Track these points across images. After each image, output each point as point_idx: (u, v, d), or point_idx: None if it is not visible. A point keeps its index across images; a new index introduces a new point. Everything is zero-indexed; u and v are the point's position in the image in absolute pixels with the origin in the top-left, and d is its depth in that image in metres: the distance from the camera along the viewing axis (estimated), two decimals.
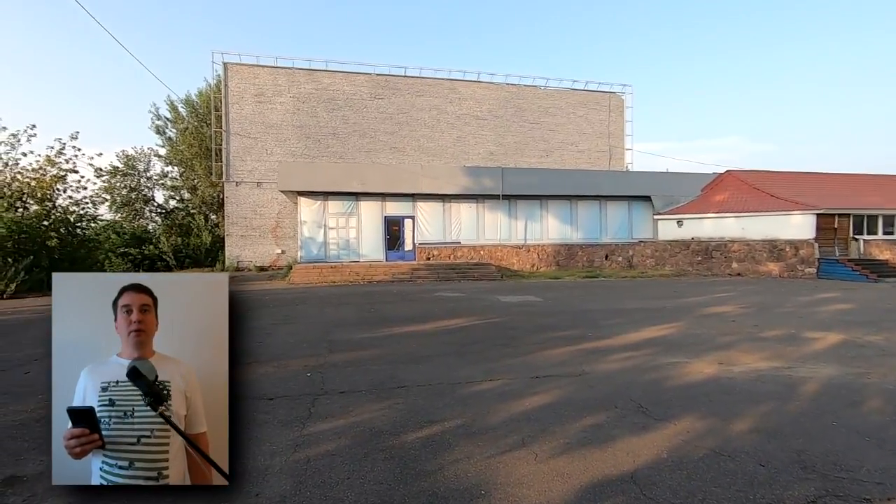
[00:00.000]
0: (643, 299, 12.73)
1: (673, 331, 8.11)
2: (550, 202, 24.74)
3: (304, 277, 18.43)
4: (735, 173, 24.78)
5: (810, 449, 3.47)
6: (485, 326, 8.67)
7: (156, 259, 29.23)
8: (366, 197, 22.45)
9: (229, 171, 26.34)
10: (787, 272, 20.21)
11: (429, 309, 10.99)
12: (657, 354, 6.40)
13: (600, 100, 31.94)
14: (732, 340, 7.32)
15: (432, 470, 3.19)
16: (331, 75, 27.65)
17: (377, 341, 7.41)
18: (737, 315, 9.86)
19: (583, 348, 6.78)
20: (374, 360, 6.19)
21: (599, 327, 8.48)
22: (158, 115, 33.83)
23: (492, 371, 5.62)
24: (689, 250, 22.91)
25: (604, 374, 5.49)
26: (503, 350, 6.71)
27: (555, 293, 14.24)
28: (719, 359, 6.16)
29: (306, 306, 11.54)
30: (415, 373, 5.58)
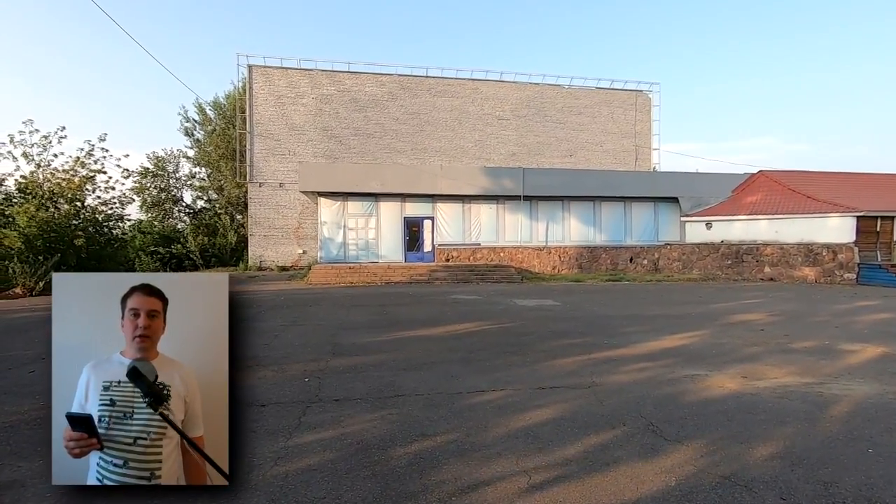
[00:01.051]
0: (666, 305, 12.21)
1: (695, 340, 7.67)
2: (573, 203, 24.19)
3: (322, 278, 18.46)
4: (768, 174, 23.74)
5: (840, 480, 3.10)
6: (496, 332, 8.39)
7: (183, 258, 29.93)
8: (385, 198, 22.39)
9: (253, 172, 26.70)
10: (823, 277, 19.20)
11: (442, 312, 10.77)
12: (675, 366, 6.01)
13: (626, 98, 31.12)
14: (759, 352, 6.85)
15: (415, 491, 2.96)
16: (353, 76, 27.75)
17: (383, 346, 7.22)
18: (766, 324, 9.31)
19: (596, 357, 6.44)
20: (376, 366, 6.00)
21: (616, 335, 8.09)
22: (187, 117, 34.71)
23: (496, 381, 5.36)
24: (718, 253, 22.03)
25: (615, 386, 5.16)
26: (511, 358, 6.43)
27: (574, 297, 13.83)
28: (743, 372, 5.73)
29: (319, 308, 11.48)
30: (415, 380, 5.36)
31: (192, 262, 29.62)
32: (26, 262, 14.69)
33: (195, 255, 29.39)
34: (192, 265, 29.59)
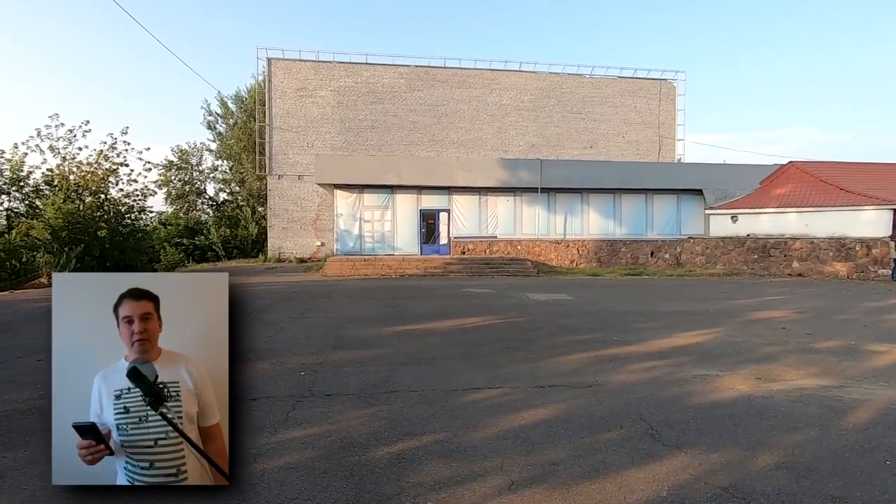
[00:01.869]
0: (685, 301, 11.81)
1: (710, 337, 7.36)
2: (592, 196, 23.71)
3: (338, 270, 18.55)
4: (798, 164, 22.73)
5: (850, 495, 2.85)
6: (503, 326, 8.22)
7: (206, 249, 30.57)
8: (401, 190, 22.35)
9: (272, 164, 26.98)
10: (856, 273, 18.32)
11: (451, 305, 10.65)
12: (685, 365, 5.75)
13: (650, 87, 30.24)
14: (778, 351, 6.51)
15: (390, 494, 2.85)
16: (370, 68, 27.68)
17: (385, 339, 7.14)
18: (789, 321, 8.89)
19: (602, 355, 6.22)
20: (374, 361, 5.91)
21: (627, 331, 7.83)
22: (210, 111, 35.29)
23: (495, 378, 5.21)
24: (744, 248, 21.26)
25: (618, 386, 4.95)
26: (514, 354, 6.26)
27: (589, 292, 13.52)
28: (757, 373, 5.44)
29: (329, 300, 11.49)
30: (412, 376, 5.25)
31: (214, 253, 30.24)
32: (51, 253, 15.17)
33: (217, 247, 29.97)
34: (215, 256, 30.20)
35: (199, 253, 30.63)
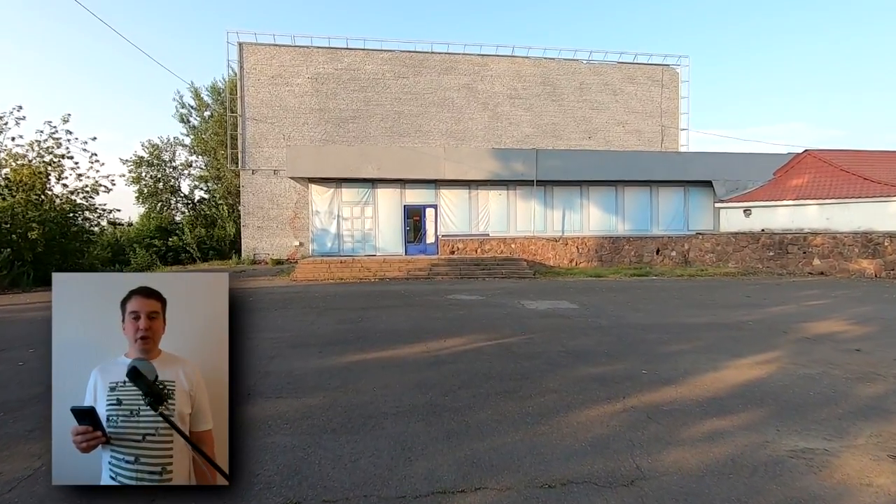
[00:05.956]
0: (709, 308, 9.89)
1: (772, 369, 5.41)
2: (592, 189, 21.76)
3: (310, 273, 16.48)
4: (816, 153, 20.88)
5: None
6: (490, 353, 6.22)
7: (180, 251, 28.42)
8: (383, 184, 20.30)
9: (245, 158, 24.84)
10: (885, 271, 16.50)
11: (429, 320, 8.66)
12: (764, 426, 3.79)
13: (652, 74, 28.29)
14: (882, 393, 4.57)
15: None
16: (351, 53, 25.56)
17: (326, 379, 5.11)
18: (856, 338, 6.96)
19: (633, 405, 4.25)
20: (293, 423, 3.90)
21: (656, 358, 5.87)
22: (182, 103, 33.02)
23: (473, 462, 3.22)
24: (758, 244, 19.41)
25: (676, 480, 2.97)
26: (504, 405, 4.28)
27: (595, 297, 11.56)
28: (883, 442, 3.49)
29: (283, 312, 9.47)
30: (336, 459, 3.25)
31: (189, 254, 28.10)
32: None
33: (192, 248, 27.85)
34: (189, 258, 28.08)
35: (173, 255, 28.49)
